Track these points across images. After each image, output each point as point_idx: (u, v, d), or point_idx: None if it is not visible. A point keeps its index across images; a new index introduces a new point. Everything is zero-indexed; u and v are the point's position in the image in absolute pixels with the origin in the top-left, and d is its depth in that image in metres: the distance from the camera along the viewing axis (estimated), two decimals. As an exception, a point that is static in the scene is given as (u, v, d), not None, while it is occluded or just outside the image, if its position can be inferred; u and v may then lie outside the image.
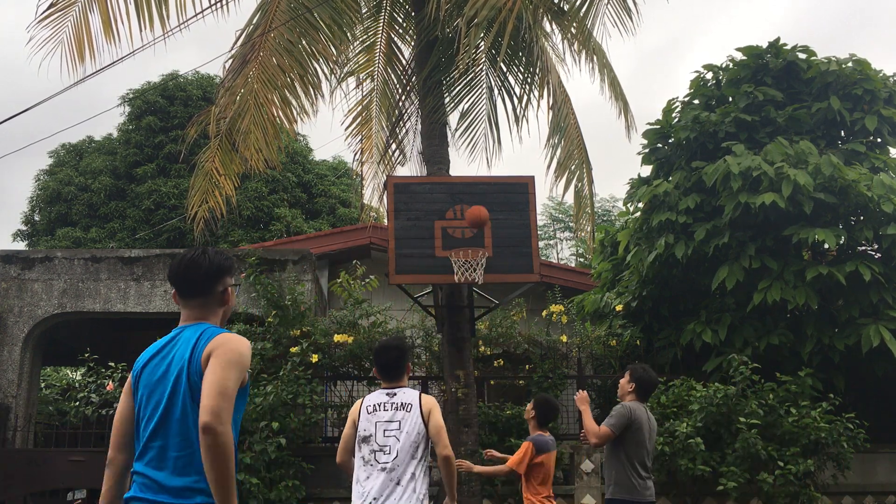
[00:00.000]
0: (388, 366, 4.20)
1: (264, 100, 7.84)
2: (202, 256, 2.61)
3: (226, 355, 2.35)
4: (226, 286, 2.66)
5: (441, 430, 4.00)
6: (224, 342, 2.40)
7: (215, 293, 2.63)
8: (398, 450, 3.96)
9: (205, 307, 2.62)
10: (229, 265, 2.67)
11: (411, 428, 4.00)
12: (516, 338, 9.26)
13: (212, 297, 2.63)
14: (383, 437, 4.01)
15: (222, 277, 2.65)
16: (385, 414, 4.07)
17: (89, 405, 7.59)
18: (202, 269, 2.59)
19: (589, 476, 8.49)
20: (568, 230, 29.62)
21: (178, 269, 2.60)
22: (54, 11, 7.78)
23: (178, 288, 2.62)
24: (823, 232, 8.21)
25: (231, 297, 2.69)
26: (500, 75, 9.57)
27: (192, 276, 2.59)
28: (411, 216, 7.72)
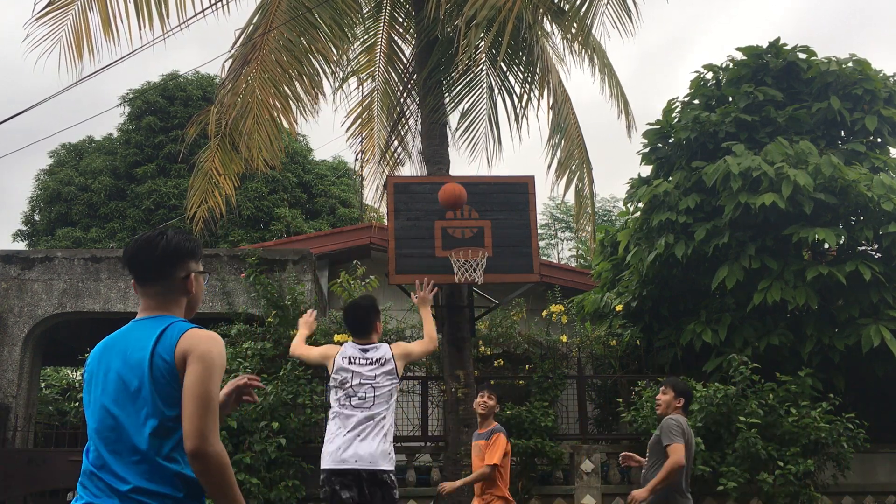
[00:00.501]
0: (357, 322, 4.54)
1: (265, 100, 7.85)
2: (159, 236, 2.30)
3: (203, 362, 2.09)
4: (188, 272, 2.31)
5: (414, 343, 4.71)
6: (197, 344, 2.12)
7: (175, 279, 2.28)
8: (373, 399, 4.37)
9: (164, 296, 2.28)
10: (192, 247, 2.34)
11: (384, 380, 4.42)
12: (516, 338, 9.27)
13: (171, 283, 2.28)
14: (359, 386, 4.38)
15: (183, 261, 2.31)
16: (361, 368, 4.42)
17: (89, 405, 7.57)
18: (158, 249, 2.27)
19: (589, 476, 8.49)
20: (569, 230, 29.63)
21: (131, 250, 2.30)
22: (53, 9, 7.77)
23: (133, 272, 2.30)
24: (823, 231, 8.21)
25: (194, 285, 2.33)
26: (501, 75, 9.57)
27: (146, 257, 2.28)
28: (411, 216, 7.73)
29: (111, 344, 2.26)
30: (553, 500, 8.44)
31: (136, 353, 2.15)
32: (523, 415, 8.37)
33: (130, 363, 2.15)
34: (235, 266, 9.93)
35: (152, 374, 2.10)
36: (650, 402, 8.30)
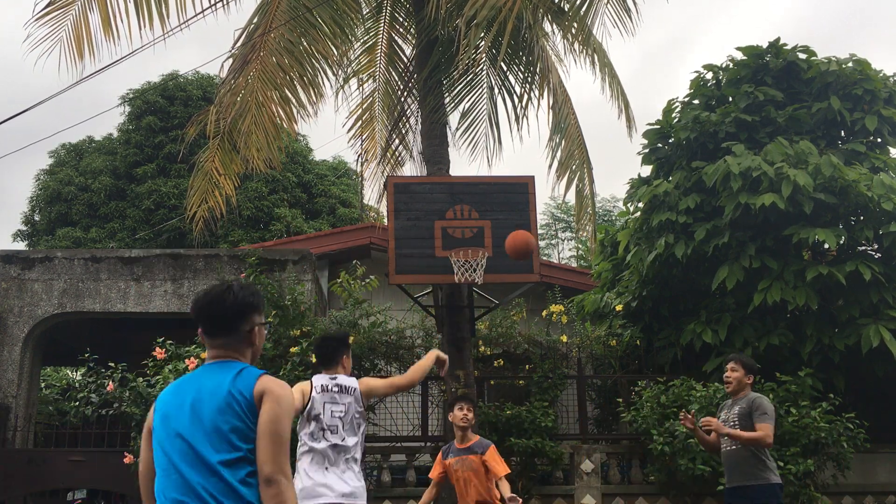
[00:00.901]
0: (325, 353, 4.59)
1: (265, 100, 7.84)
2: (227, 292, 2.45)
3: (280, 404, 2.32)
4: (253, 325, 2.48)
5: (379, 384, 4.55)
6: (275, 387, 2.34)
7: (241, 332, 2.46)
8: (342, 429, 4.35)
9: (230, 347, 2.46)
10: (256, 302, 2.51)
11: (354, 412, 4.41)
12: (516, 338, 9.27)
13: (237, 335, 2.45)
14: (331, 417, 4.36)
15: (249, 316, 2.48)
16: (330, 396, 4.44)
17: (89, 405, 7.58)
18: (226, 305, 2.44)
19: (589, 476, 8.49)
20: (569, 230, 29.63)
21: (201, 305, 2.46)
22: (53, 9, 7.77)
23: (203, 326, 2.47)
24: (823, 232, 8.20)
25: (258, 337, 2.53)
26: (501, 75, 9.57)
27: (215, 313, 2.44)
28: (411, 216, 7.72)
29: (184, 383, 2.44)
30: (553, 500, 8.44)
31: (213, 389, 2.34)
32: (523, 415, 8.37)
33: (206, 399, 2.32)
34: (235, 266, 9.93)
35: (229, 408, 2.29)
36: (650, 402, 8.30)
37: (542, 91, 8.48)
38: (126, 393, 7.45)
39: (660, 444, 7.95)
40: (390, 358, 9.05)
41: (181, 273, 9.91)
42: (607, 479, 8.60)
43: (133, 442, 7.65)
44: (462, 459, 5.43)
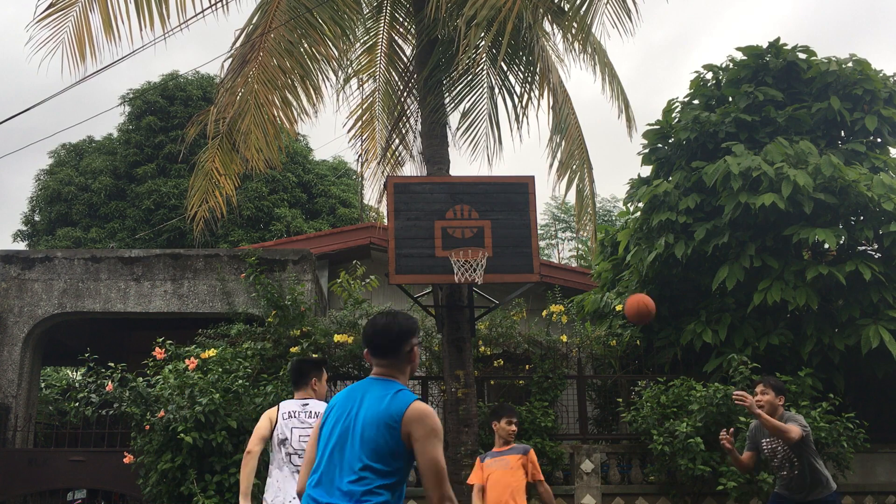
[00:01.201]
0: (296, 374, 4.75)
1: (264, 100, 7.84)
2: (393, 322, 2.94)
3: (432, 434, 2.71)
4: (411, 346, 2.95)
5: None
6: (424, 416, 2.72)
7: (402, 353, 2.92)
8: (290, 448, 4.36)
9: (393, 366, 2.92)
10: (415, 328, 2.99)
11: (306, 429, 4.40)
12: (516, 338, 9.26)
13: (399, 356, 2.92)
14: (298, 441, 4.38)
15: (409, 340, 2.94)
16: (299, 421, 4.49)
17: (89, 405, 7.57)
18: (392, 333, 2.91)
19: (589, 476, 8.49)
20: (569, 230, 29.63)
21: (371, 333, 2.95)
22: (54, 11, 7.78)
23: (371, 349, 2.95)
24: (823, 232, 8.20)
25: (416, 356, 2.99)
26: (501, 74, 9.57)
27: (383, 339, 2.91)
28: (411, 216, 7.72)
29: (355, 391, 2.91)
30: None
31: (373, 406, 2.77)
32: (523, 415, 8.37)
33: (368, 413, 2.77)
34: (235, 266, 9.93)
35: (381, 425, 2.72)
36: (650, 402, 8.30)
37: (543, 91, 8.48)
38: (126, 393, 7.45)
39: (660, 444, 7.95)
40: (390, 358, 9.04)
41: (181, 273, 9.91)
42: (607, 479, 8.60)
43: (133, 442, 7.65)
44: (500, 459, 5.48)
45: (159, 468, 7.11)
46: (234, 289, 9.81)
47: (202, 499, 6.86)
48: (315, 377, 4.75)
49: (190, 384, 7.31)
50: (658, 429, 8.11)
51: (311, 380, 4.73)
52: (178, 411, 7.09)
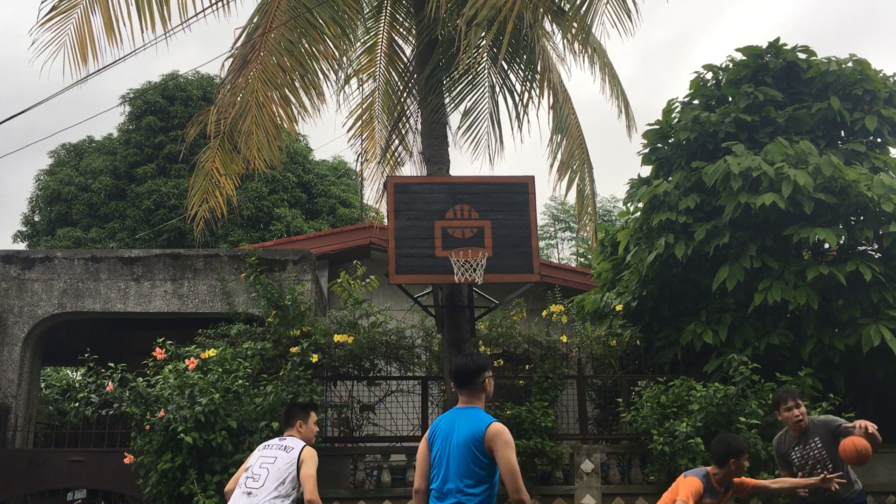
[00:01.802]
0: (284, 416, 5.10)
1: (265, 100, 7.84)
2: (470, 360, 3.92)
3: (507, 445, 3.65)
4: (484, 378, 3.90)
5: (308, 479, 4.60)
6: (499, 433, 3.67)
7: (478, 384, 3.89)
8: (265, 478, 4.59)
9: (473, 395, 3.90)
10: (488, 364, 3.94)
11: (283, 464, 4.64)
12: (516, 338, 9.26)
13: (477, 387, 3.90)
14: (258, 467, 4.66)
15: (483, 373, 3.90)
16: (269, 451, 4.78)
17: (89, 405, 7.58)
18: (469, 369, 3.87)
19: (589, 476, 8.49)
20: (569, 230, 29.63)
21: (455, 370, 3.92)
22: (56, 14, 7.79)
23: (456, 382, 3.91)
24: (824, 231, 8.20)
25: (489, 385, 3.95)
26: (502, 73, 9.58)
27: (465, 375, 3.87)
28: (411, 216, 7.73)
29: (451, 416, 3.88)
30: (553, 500, 8.44)
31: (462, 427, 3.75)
32: (523, 415, 8.37)
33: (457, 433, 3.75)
34: (235, 266, 9.93)
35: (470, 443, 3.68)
36: (650, 402, 8.30)
37: (543, 90, 8.49)
38: (126, 393, 7.45)
39: (660, 444, 7.95)
40: (390, 358, 9.05)
41: (181, 273, 9.91)
42: (607, 479, 8.60)
43: (133, 442, 7.65)
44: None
45: (159, 468, 7.11)
46: (234, 289, 9.81)
47: (202, 499, 6.86)
48: (300, 420, 4.99)
49: (190, 384, 7.31)
50: (658, 429, 8.11)
51: (297, 422, 4.98)
52: (178, 411, 7.09)
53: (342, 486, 8.23)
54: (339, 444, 8.86)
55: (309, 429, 5.00)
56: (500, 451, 3.62)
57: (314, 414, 5.10)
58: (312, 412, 5.10)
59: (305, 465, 4.63)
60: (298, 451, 4.72)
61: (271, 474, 4.61)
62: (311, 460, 4.68)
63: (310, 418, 5.02)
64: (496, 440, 3.64)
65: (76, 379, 17.85)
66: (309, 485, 4.56)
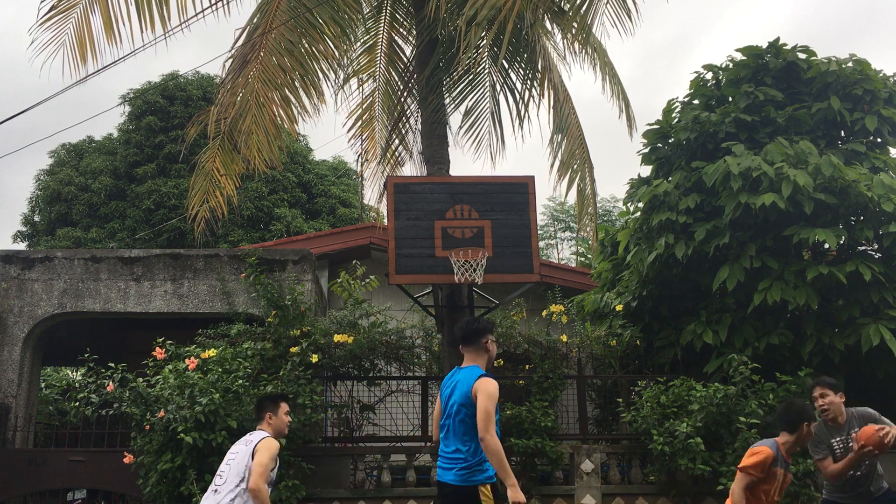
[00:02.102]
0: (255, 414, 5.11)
1: (265, 100, 7.84)
2: (475, 321, 4.47)
3: (484, 393, 4.13)
4: (488, 339, 4.41)
5: (256, 467, 4.56)
6: (483, 385, 4.17)
7: (481, 344, 4.38)
8: (227, 474, 4.65)
9: (475, 353, 4.39)
10: (489, 327, 4.45)
11: (241, 458, 4.67)
12: (516, 338, 9.26)
13: (478, 346, 4.38)
14: (224, 464, 4.77)
15: (486, 334, 4.40)
16: (235, 447, 4.87)
17: (89, 405, 7.58)
18: (473, 328, 4.39)
19: (589, 476, 8.49)
20: (569, 230, 29.63)
21: (460, 331, 4.44)
22: (55, 14, 7.79)
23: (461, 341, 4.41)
24: (824, 232, 8.20)
25: (492, 347, 4.42)
26: (503, 73, 9.58)
27: (468, 334, 4.39)
28: (411, 216, 7.73)
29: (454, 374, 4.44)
30: (553, 500, 8.44)
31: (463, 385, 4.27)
32: (523, 415, 8.37)
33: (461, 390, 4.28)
34: (235, 266, 9.93)
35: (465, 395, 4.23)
36: (650, 402, 8.30)
37: (544, 90, 8.49)
38: (126, 393, 7.45)
39: (660, 444, 7.95)
40: (390, 358, 9.06)
41: (181, 273, 9.91)
42: (607, 479, 8.60)
43: (133, 442, 7.65)
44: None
45: (159, 468, 7.11)
46: (234, 289, 9.81)
47: (202, 499, 6.86)
48: (269, 412, 4.97)
49: (190, 384, 7.31)
50: (658, 429, 8.10)
51: (266, 415, 4.97)
52: (178, 411, 7.09)
53: (342, 486, 8.23)
54: (339, 444, 8.85)
55: (280, 420, 4.97)
56: (479, 398, 4.14)
57: (284, 405, 5.05)
58: (282, 403, 5.05)
59: (258, 454, 4.62)
60: (256, 442, 4.72)
61: (232, 469, 4.65)
62: (265, 450, 4.66)
63: (279, 409, 4.99)
64: (479, 391, 4.16)
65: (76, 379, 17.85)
66: (254, 473, 4.54)
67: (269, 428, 4.93)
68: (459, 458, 4.21)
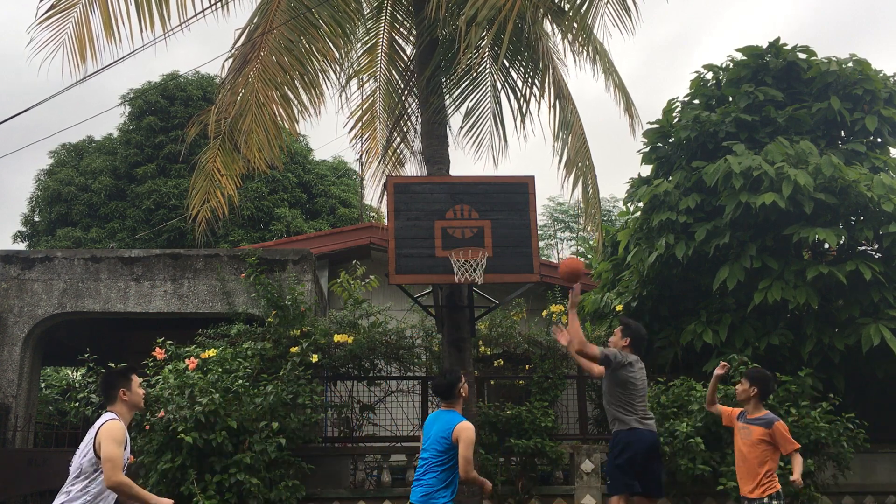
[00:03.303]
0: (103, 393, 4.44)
1: (265, 100, 7.83)
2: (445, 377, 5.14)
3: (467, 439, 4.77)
4: (459, 388, 5.06)
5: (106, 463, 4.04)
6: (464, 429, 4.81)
7: (455, 394, 5.06)
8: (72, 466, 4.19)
9: (450, 401, 5.07)
10: (459, 375, 5.13)
11: (81, 447, 4.20)
12: (516, 338, 9.26)
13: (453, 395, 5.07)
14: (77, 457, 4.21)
15: (457, 385, 5.08)
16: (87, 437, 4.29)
17: (89, 405, 7.58)
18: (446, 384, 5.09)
19: (589, 476, 8.49)
20: (568, 230, 29.62)
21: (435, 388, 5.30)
22: (55, 13, 7.77)
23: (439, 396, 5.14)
24: (824, 231, 8.20)
25: (464, 391, 5.10)
26: (504, 72, 9.56)
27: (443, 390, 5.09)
28: (411, 216, 7.72)
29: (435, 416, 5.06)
30: (553, 500, 8.44)
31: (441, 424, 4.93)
32: (523, 415, 8.37)
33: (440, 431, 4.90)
34: (235, 266, 9.93)
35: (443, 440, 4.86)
36: (650, 402, 8.30)
37: (545, 89, 8.48)
38: (126, 393, 7.43)
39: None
40: (390, 358, 9.05)
41: (181, 273, 9.91)
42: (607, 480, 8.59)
43: (133, 442, 7.64)
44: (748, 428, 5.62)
45: (159, 468, 7.11)
46: (234, 289, 9.81)
47: (202, 499, 6.86)
48: (123, 388, 4.37)
49: (190, 384, 7.31)
50: (658, 429, 8.10)
51: (119, 391, 4.35)
52: (178, 411, 7.09)
53: (342, 486, 8.22)
54: (339, 444, 8.85)
55: (134, 393, 4.39)
56: (461, 442, 4.76)
57: (135, 377, 4.46)
58: (133, 375, 4.45)
59: (103, 446, 4.09)
60: (97, 428, 4.18)
61: (73, 465, 4.21)
62: (108, 440, 4.09)
63: (132, 383, 4.40)
64: (460, 434, 4.79)
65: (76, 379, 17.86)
66: (106, 469, 4.03)
67: (125, 406, 4.36)
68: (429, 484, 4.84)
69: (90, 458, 4.13)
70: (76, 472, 4.16)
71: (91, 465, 4.13)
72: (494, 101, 9.72)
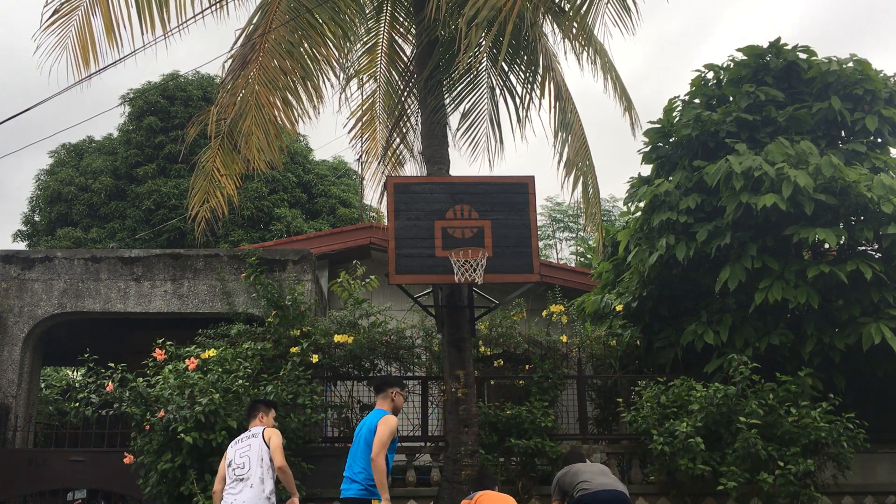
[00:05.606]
0: (247, 413, 6.25)
1: (265, 101, 7.84)
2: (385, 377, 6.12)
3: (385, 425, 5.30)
4: (394, 391, 5.63)
5: (276, 450, 5.71)
6: (383, 421, 5.32)
7: (388, 394, 5.62)
8: (250, 463, 5.66)
9: (384, 401, 5.60)
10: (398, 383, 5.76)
11: (256, 447, 5.74)
12: (516, 338, 9.26)
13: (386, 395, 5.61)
14: (239, 458, 5.72)
15: (393, 387, 5.66)
16: (242, 444, 5.83)
17: (89, 405, 7.58)
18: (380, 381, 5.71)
19: (589, 476, 8.47)
20: (568, 230, 29.61)
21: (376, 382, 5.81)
22: (58, 17, 7.81)
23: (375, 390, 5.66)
24: (824, 231, 8.20)
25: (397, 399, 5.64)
26: (502, 74, 9.56)
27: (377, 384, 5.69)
28: (411, 216, 7.72)
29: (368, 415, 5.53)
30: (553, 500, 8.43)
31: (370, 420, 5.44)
32: (523, 415, 8.37)
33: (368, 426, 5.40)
34: (235, 266, 9.93)
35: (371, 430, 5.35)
36: (650, 402, 8.30)
37: (545, 90, 8.48)
38: (126, 393, 7.45)
39: (660, 444, 7.95)
40: (390, 358, 9.05)
41: (181, 273, 9.91)
42: (607, 480, 8.59)
43: (133, 442, 7.65)
44: None
45: (159, 468, 7.11)
46: (234, 289, 9.81)
47: (202, 499, 6.86)
48: (262, 413, 6.09)
49: (190, 384, 7.31)
50: (658, 429, 8.10)
51: (259, 415, 6.07)
52: (178, 411, 7.09)
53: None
54: (339, 444, 8.85)
55: (269, 421, 6.06)
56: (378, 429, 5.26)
57: (273, 411, 6.21)
58: (273, 410, 6.21)
59: (272, 440, 5.75)
60: (261, 431, 5.83)
61: (253, 458, 5.65)
62: (275, 435, 5.80)
63: (270, 414, 6.11)
64: (379, 424, 5.28)
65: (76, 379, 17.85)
66: (277, 456, 5.69)
67: (260, 423, 6.00)
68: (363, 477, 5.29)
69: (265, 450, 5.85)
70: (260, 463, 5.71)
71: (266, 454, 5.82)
72: (491, 103, 9.72)
